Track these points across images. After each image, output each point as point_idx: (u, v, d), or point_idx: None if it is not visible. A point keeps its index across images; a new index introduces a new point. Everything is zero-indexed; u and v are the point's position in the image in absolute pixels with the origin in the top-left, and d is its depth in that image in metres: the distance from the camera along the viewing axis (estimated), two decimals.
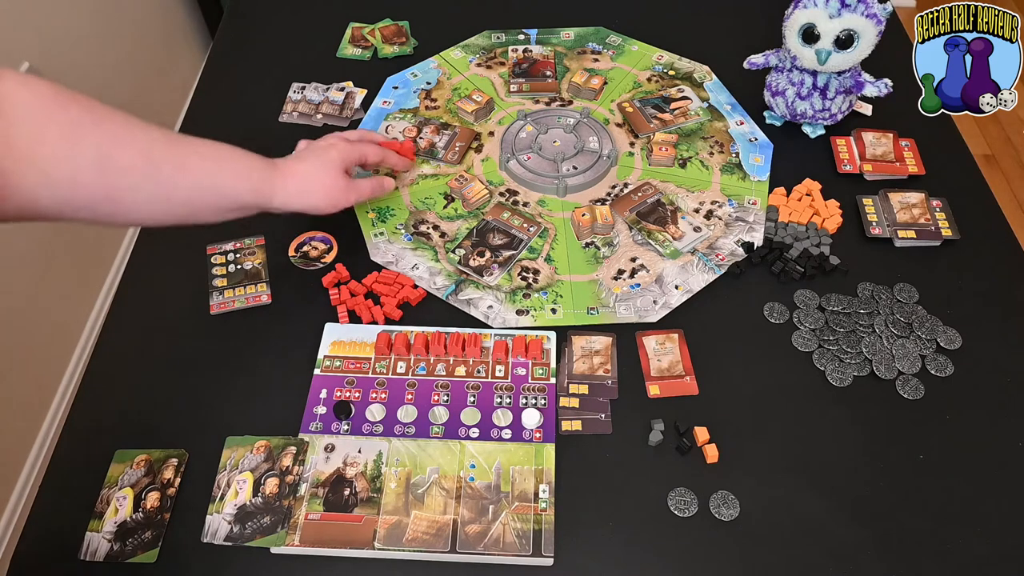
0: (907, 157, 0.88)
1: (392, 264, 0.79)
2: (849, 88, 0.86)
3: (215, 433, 0.66)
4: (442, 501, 0.62)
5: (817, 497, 0.63)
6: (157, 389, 0.70)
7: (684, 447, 0.65)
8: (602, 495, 0.64)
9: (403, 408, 0.67)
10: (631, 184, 0.86)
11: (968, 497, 0.64)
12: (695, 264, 0.79)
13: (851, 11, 0.78)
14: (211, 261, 0.79)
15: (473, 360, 0.70)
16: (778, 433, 0.67)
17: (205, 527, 0.61)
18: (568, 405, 0.68)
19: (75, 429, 0.68)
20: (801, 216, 0.82)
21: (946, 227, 0.81)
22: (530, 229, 0.82)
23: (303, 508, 0.62)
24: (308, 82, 0.97)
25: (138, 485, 0.63)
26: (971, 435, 0.67)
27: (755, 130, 0.92)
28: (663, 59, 1.01)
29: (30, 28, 1.34)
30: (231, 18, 1.11)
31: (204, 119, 0.96)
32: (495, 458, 0.64)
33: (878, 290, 0.76)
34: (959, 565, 0.60)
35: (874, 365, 0.71)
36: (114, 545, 0.60)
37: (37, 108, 0.55)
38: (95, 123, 0.59)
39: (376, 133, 0.88)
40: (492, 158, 0.89)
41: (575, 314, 0.75)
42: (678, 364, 0.71)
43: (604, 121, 0.93)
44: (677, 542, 0.61)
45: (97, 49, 1.55)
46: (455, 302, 0.76)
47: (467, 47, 1.03)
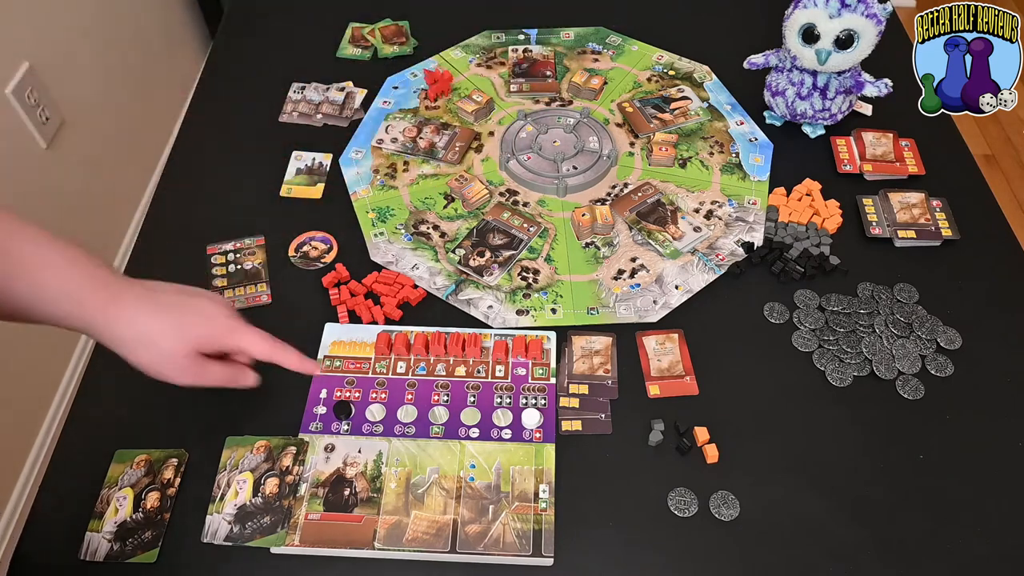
0: (907, 157, 0.87)
1: (392, 264, 0.79)
2: (849, 88, 0.86)
3: (215, 433, 0.66)
4: (442, 501, 0.62)
5: (817, 497, 0.63)
6: (157, 389, 0.70)
7: (684, 447, 0.65)
8: (602, 495, 0.63)
9: (403, 408, 0.67)
10: (631, 184, 0.86)
11: (968, 497, 0.64)
12: (695, 264, 0.79)
13: (851, 11, 0.78)
14: (211, 261, 0.79)
15: (473, 360, 0.70)
16: (778, 433, 0.67)
17: (205, 527, 0.61)
18: (568, 405, 0.68)
19: (75, 429, 0.68)
20: (801, 216, 0.82)
21: (946, 227, 0.81)
22: (530, 229, 0.82)
23: (303, 508, 0.62)
24: (308, 82, 0.97)
25: (138, 485, 0.63)
26: (971, 435, 0.67)
27: (755, 130, 0.92)
28: (663, 59, 1.01)
29: (30, 28, 1.34)
30: (231, 18, 1.11)
31: (204, 119, 0.96)
32: (495, 458, 0.64)
33: (878, 290, 0.76)
34: (959, 565, 0.60)
35: (874, 365, 0.71)
36: (114, 545, 0.60)
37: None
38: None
39: (281, 348, 0.64)
40: (492, 158, 0.89)
41: (575, 314, 0.75)
42: (678, 364, 0.71)
43: (604, 121, 0.93)
44: (677, 542, 0.61)
45: (97, 49, 1.55)
46: (455, 302, 0.76)
47: (467, 47, 1.03)
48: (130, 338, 0.57)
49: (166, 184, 0.89)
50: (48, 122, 1.36)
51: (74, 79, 1.46)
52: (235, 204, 0.86)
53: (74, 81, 1.46)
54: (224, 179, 0.89)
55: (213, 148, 0.93)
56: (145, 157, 1.74)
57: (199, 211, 0.86)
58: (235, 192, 0.87)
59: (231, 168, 0.90)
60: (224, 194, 0.87)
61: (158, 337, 0.57)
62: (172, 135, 1.76)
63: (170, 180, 0.89)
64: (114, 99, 1.60)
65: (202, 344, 0.59)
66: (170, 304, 0.59)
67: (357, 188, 0.86)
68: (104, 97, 1.56)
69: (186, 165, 0.91)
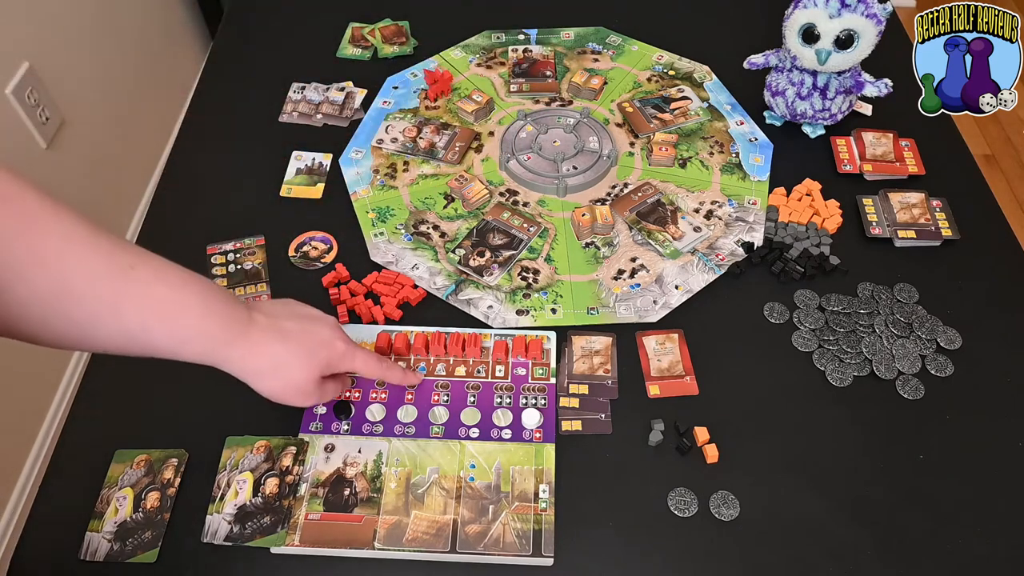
0: (907, 157, 0.87)
1: (392, 264, 0.79)
2: (849, 88, 0.86)
3: (215, 433, 0.66)
4: (442, 501, 0.62)
5: (817, 497, 0.63)
6: (157, 389, 0.70)
7: (684, 447, 0.65)
8: (602, 495, 0.63)
9: (403, 408, 0.67)
10: (631, 184, 0.86)
11: (968, 497, 0.64)
12: (695, 264, 0.79)
13: (851, 11, 0.78)
14: (211, 261, 0.79)
15: (473, 360, 0.70)
16: (778, 433, 0.67)
17: (205, 527, 0.61)
18: (568, 405, 0.68)
19: (75, 429, 0.68)
20: (801, 216, 0.82)
21: (946, 227, 0.81)
22: (530, 229, 0.82)
23: (303, 508, 0.62)
24: (308, 82, 0.97)
25: (138, 485, 0.63)
26: (971, 435, 0.67)
27: (755, 130, 0.92)
28: (663, 59, 1.01)
29: (30, 28, 1.34)
30: (231, 18, 1.11)
31: (204, 119, 0.96)
32: (495, 458, 0.64)
33: (878, 290, 0.76)
34: (959, 565, 0.60)
35: (874, 365, 0.71)
36: (114, 545, 0.60)
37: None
38: (23, 231, 0.45)
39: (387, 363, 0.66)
40: (492, 158, 0.89)
41: (575, 314, 0.75)
42: (678, 364, 0.71)
43: (604, 121, 0.93)
44: (677, 542, 0.61)
45: (97, 49, 1.55)
46: (455, 302, 0.76)
47: (467, 47, 1.03)
48: (263, 370, 0.57)
49: (166, 184, 0.89)
50: (48, 122, 1.36)
51: (74, 79, 1.46)
52: (235, 204, 0.86)
53: (74, 81, 1.46)
54: (224, 179, 0.89)
55: (213, 148, 0.93)
56: (145, 157, 1.74)
57: (199, 211, 0.86)
58: (235, 192, 0.87)
59: (231, 168, 0.90)
60: (224, 194, 0.87)
61: (288, 368, 0.58)
62: (172, 135, 1.76)
63: (170, 180, 0.89)
64: (114, 99, 1.60)
65: (324, 370, 0.60)
66: (294, 332, 0.58)
67: (357, 188, 0.86)
68: (104, 97, 1.56)
69: (186, 165, 0.91)
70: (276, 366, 0.57)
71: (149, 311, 0.51)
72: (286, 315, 0.60)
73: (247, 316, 0.56)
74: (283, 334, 0.58)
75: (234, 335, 0.55)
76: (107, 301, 0.49)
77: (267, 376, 0.58)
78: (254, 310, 0.58)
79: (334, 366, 0.61)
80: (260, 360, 0.57)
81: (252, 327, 0.56)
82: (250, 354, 0.56)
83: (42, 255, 0.46)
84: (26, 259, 0.46)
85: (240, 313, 0.56)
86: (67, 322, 0.49)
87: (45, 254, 0.46)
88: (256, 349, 0.56)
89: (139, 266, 0.50)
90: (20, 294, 0.46)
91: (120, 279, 0.49)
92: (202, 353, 0.54)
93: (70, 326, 0.49)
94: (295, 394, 0.60)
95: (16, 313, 0.46)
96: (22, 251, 0.45)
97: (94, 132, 1.52)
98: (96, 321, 0.49)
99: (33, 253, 0.46)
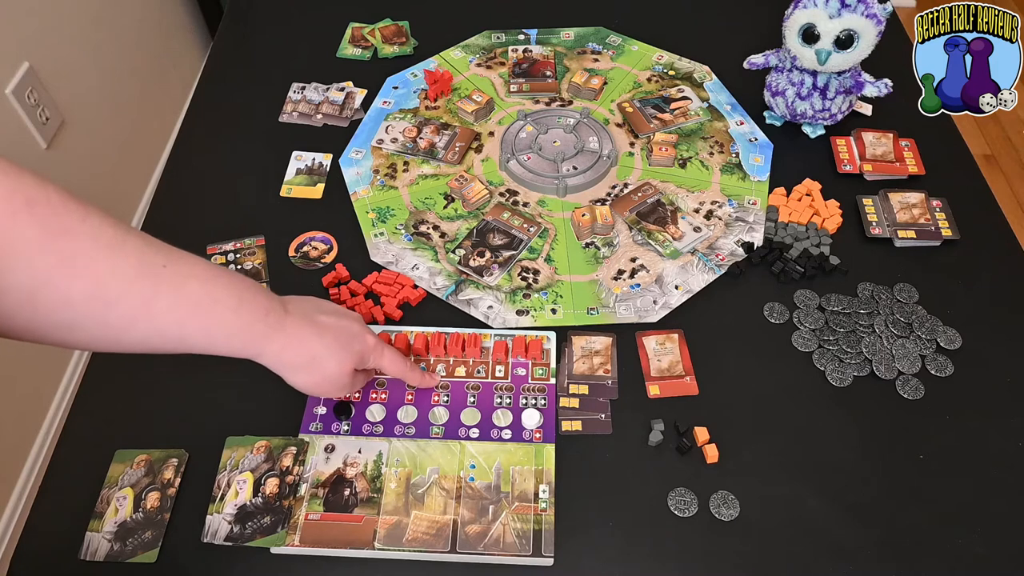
0: (907, 157, 0.87)
1: (392, 264, 0.79)
2: (849, 88, 0.86)
3: (215, 433, 0.66)
4: (442, 501, 0.62)
5: (817, 497, 0.63)
6: (157, 389, 0.70)
7: (684, 447, 0.65)
8: (602, 495, 0.63)
9: (403, 408, 0.67)
10: (631, 184, 0.86)
11: (968, 497, 0.64)
12: (695, 264, 0.79)
13: (851, 11, 0.78)
14: (211, 261, 0.79)
15: (473, 360, 0.70)
16: (778, 433, 0.67)
17: (205, 527, 0.61)
18: (568, 405, 0.68)
19: (75, 429, 0.68)
20: (801, 216, 0.82)
21: (946, 227, 0.81)
22: (530, 229, 0.82)
23: (303, 508, 0.62)
24: (308, 82, 0.97)
25: (138, 485, 0.63)
26: (971, 435, 0.67)
27: (755, 130, 0.92)
28: (663, 59, 1.01)
29: (30, 28, 1.34)
30: (231, 18, 1.11)
31: (204, 119, 0.96)
32: (495, 458, 0.64)
33: (878, 290, 0.76)
34: (959, 565, 0.60)
35: (874, 365, 0.71)
36: (114, 545, 0.60)
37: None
38: (51, 236, 0.43)
39: (410, 365, 0.66)
40: (492, 158, 0.89)
41: (575, 314, 0.75)
42: (678, 364, 0.71)
43: (604, 121, 0.93)
44: (677, 542, 0.61)
45: (97, 49, 1.55)
46: (455, 302, 0.76)
47: (467, 47, 1.03)
48: (299, 363, 0.58)
49: (166, 184, 0.89)
50: (48, 122, 1.36)
51: (74, 79, 1.46)
52: (235, 204, 0.86)
53: (74, 81, 1.46)
54: (224, 179, 0.89)
55: (213, 148, 0.93)
56: (145, 157, 1.75)
57: (199, 211, 0.86)
58: (235, 192, 0.87)
59: (231, 168, 0.90)
60: (224, 194, 0.87)
61: (325, 361, 0.58)
62: (172, 135, 1.76)
63: (170, 180, 0.89)
64: (114, 99, 1.60)
65: (357, 363, 0.61)
66: (330, 326, 0.59)
67: (357, 188, 0.86)
68: (104, 97, 1.56)
69: (186, 165, 0.91)
70: (313, 359, 0.58)
71: (184, 309, 0.50)
72: (316, 309, 0.60)
73: (282, 309, 0.56)
74: (319, 328, 0.58)
75: (271, 329, 0.55)
76: (141, 303, 0.48)
77: (302, 370, 0.58)
78: (290, 306, 0.58)
79: (364, 361, 0.61)
80: (298, 353, 0.57)
81: (287, 322, 0.56)
82: (288, 347, 0.56)
83: (72, 261, 0.44)
84: (56, 266, 0.43)
85: (275, 306, 0.56)
86: (101, 327, 0.47)
87: (75, 260, 0.44)
88: (293, 342, 0.56)
89: (170, 264, 0.49)
90: (50, 301, 0.44)
91: (152, 279, 0.48)
92: (239, 347, 0.54)
93: (104, 330, 0.48)
94: (330, 387, 0.61)
95: (44, 320, 0.45)
96: (52, 258, 0.43)
97: (94, 132, 1.52)
98: (131, 324, 0.48)
99: (63, 260, 0.44)
